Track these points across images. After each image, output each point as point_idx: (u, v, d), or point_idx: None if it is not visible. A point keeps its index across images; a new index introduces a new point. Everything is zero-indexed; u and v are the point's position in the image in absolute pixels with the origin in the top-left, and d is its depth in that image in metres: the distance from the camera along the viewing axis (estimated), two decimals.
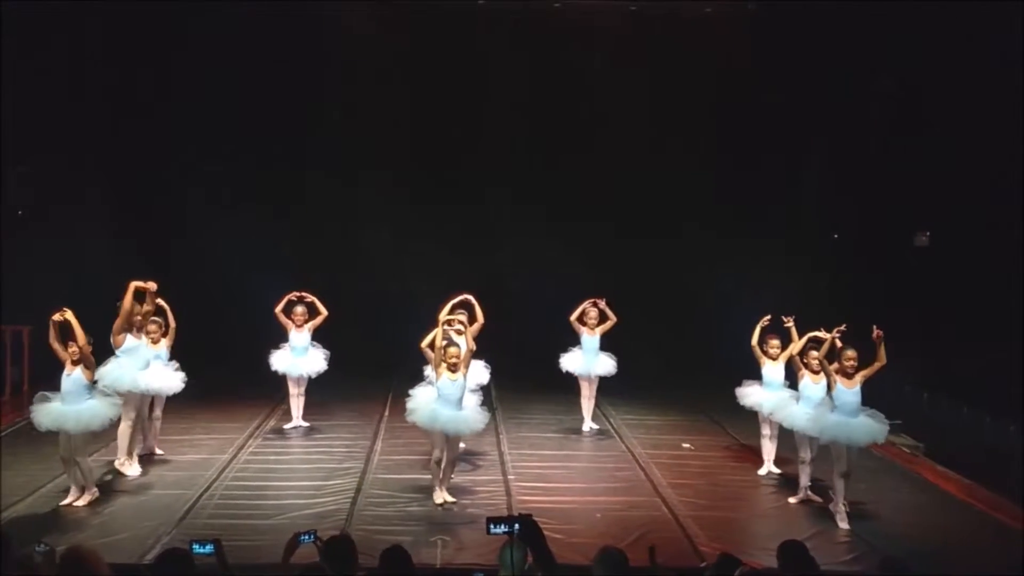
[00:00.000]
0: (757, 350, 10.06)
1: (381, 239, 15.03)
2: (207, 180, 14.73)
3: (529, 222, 15.08)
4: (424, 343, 9.40)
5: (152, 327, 9.95)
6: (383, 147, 15.21)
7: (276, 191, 15.07)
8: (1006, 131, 11.77)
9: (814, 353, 9.32)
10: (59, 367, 8.82)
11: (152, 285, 9.56)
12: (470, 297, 10.31)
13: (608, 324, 11.53)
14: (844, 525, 8.66)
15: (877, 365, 8.73)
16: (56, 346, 8.75)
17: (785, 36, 14.30)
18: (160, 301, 9.95)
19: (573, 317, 11.57)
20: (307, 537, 5.49)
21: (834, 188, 14.81)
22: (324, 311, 11.29)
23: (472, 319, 10.16)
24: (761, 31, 14.36)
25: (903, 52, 13.47)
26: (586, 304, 11.55)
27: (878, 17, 13.26)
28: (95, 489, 8.87)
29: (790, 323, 9.84)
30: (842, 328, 9.22)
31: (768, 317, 10.11)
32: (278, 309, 11.23)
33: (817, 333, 9.54)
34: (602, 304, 11.51)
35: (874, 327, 8.75)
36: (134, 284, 9.45)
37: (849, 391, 8.73)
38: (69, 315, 8.70)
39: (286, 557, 5.50)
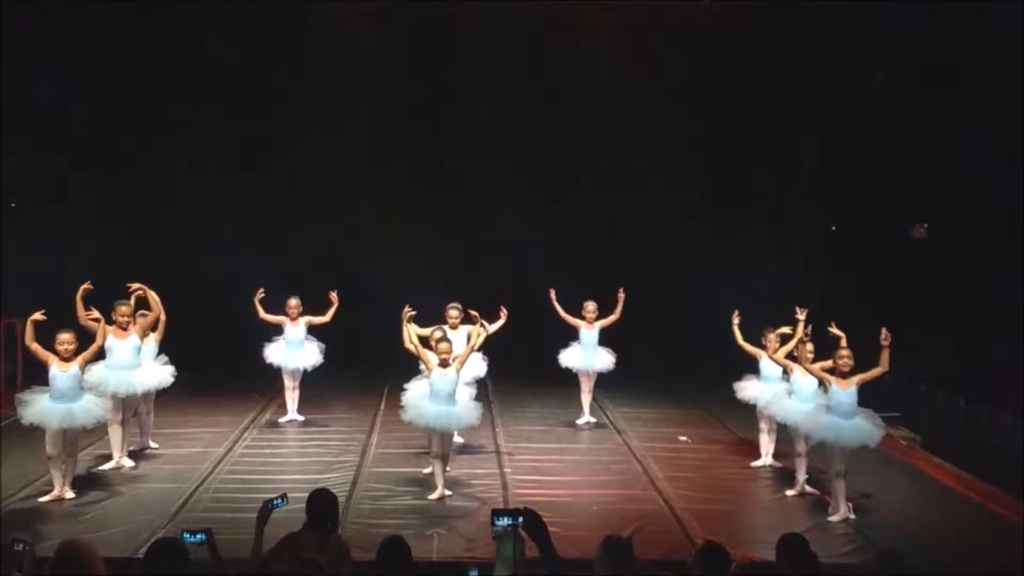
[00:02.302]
0: (748, 347, 9.99)
1: (376, 228, 14.99)
2: (199, 173, 14.62)
3: (526, 214, 15.03)
4: (406, 343, 9.30)
5: (140, 321, 9.83)
6: (378, 136, 15.09)
7: (269, 181, 15.01)
8: (1006, 121, 11.74)
9: (808, 347, 9.28)
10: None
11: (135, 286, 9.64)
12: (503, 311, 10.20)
13: (609, 319, 11.48)
14: (834, 518, 8.59)
15: (877, 371, 8.56)
16: (35, 346, 8.60)
17: (781, 27, 14.28)
18: (151, 294, 9.85)
19: (563, 315, 11.50)
20: (279, 502, 5.51)
21: (831, 180, 14.78)
22: (328, 317, 11.24)
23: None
24: (757, 22, 14.31)
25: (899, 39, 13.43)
26: (554, 291, 11.42)
27: (874, 7, 13.21)
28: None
29: (802, 316, 9.63)
30: (807, 331, 9.20)
31: (737, 312, 10.04)
32: (262, 315, 11.17)
33: (785, 330, 9.48)
34: (621, 295, 11.38)
35: (883, 330, 8.44)
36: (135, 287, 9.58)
37: (844, 391, 8.59)
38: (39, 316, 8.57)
39: (259, 527, 5.52)
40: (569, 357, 11.69)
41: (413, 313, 9.50)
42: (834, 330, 9.04)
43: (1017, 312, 11.09)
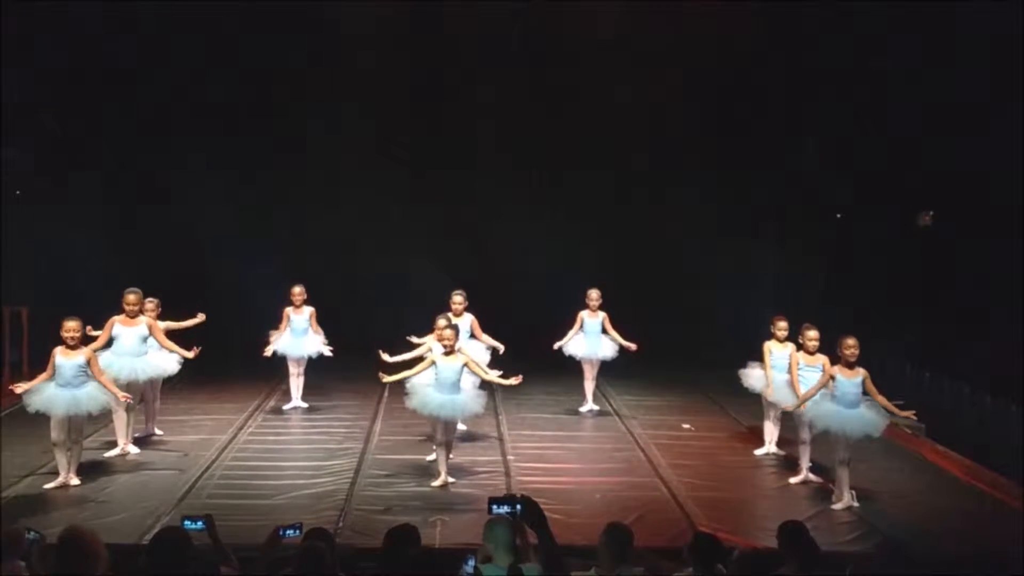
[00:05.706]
0: (764, 364, 9.86)
1: (377, 217, 14.98)
2: (203, 163, 14.59)
3: (528, 203, 15.03)
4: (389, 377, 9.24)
5: (149, 306, 9.91)
6: (379, 135, 15.12)
7: (271, 172, 14.99)
8: (1008, 109, 11.68)
9: (811, 334, 9.26)
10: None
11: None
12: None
13: (610, 327, 11.46)
14: (838, 506, 8.60)
15: (874, 395, 8.59)
16: (36, 381, 8.70)
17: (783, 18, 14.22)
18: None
19: (571, 333, 11.51)
20: (291, 531, 5.30)
21: (834, 169, 14.73)
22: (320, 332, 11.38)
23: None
24: (758, 10, 14.25)
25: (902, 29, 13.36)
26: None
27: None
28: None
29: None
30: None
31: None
32: (276, 329, 11.29)
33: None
34: (632, 347, 11.38)
35: (913, 414, 8.88)
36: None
37: (849, 381, 8.58)
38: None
39: (267, 551, 5.39)
40: (573, 345, 11.69)
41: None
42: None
43: (1018, 301, 11.06)
